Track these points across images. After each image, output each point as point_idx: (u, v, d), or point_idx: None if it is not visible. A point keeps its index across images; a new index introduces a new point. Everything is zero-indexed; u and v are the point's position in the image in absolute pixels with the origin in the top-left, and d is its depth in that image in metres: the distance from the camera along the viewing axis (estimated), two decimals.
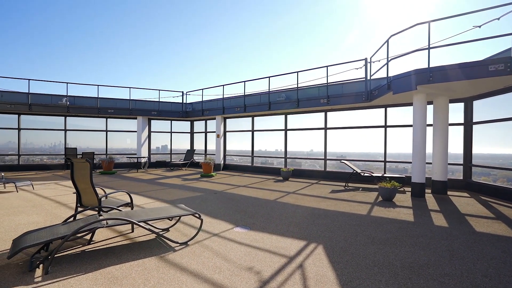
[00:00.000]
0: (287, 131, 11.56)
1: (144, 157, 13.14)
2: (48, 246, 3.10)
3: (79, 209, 3.99)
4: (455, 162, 7.93)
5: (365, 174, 8.07)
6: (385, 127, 9.03)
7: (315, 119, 10.69)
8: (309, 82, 10.22)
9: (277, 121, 11.90)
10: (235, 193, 6.95)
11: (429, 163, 7.23)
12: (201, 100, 14.00)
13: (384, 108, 9.04)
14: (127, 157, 13.81)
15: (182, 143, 15.65)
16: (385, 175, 7.72)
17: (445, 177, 6.99)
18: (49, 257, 2.74)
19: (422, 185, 6.49)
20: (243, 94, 11.97)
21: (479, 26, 5.56)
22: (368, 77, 8.28)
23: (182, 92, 14.52)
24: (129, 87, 13.18)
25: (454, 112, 7.79)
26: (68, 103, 12.15)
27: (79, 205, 4.09)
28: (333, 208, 5.42)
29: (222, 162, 13.33)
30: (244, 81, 11.80)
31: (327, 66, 9.17)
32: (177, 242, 3.39)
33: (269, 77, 10.91)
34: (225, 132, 13.63)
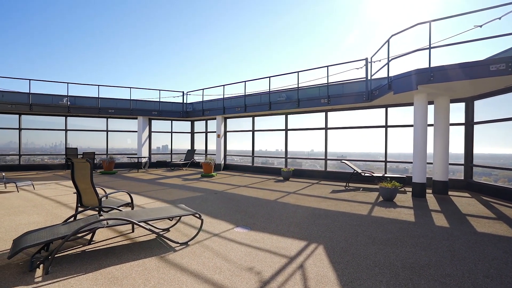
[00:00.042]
0: (288, 131, 11.55)
1: (144, 157, 13.15)
2: (49, 246, 3.10)
3: (80, 209, 3.98)
4: (456, 162, 7.92)
5: (366, 174, 8.06)
6: (386, 127, 9.01)
7: (316, 119, 10.68)
8: (310, 82, 10.22)
9: (278, 121, 11.89)
10: (236, 193, 6.95)
11: (430, 163, 7.22)
12: (201, 100, 14.01)
13: (384, 108, 9.03)
14: (127, 157, 13.82)
15: (182, 143, 15.67)
16: (386, 175, 7.71)
17: (446, 177, 6.98)
18: (50, 257, 2.74)
19: (423, 185, 6.48)
20: (243, 94, 11.97)
21: (480, 26, 5.55)
22: (369, 77, 8.27)
23: (183, 92, 14.53)
24: (129, 87, 13.20)
25: (455, 112, 7.77)
26: (69, 103, 12.17)
27: (79, 205, 4.09)
28: (334, 208, 5.41)
29: (222, 162, 13.33)
30: (245, 81, 11.80)
31: (327, 66, 9.16)
32: (178, 242, 3.39)
33: (269, 77, 10.90)
34: (225, 132, 13.62)
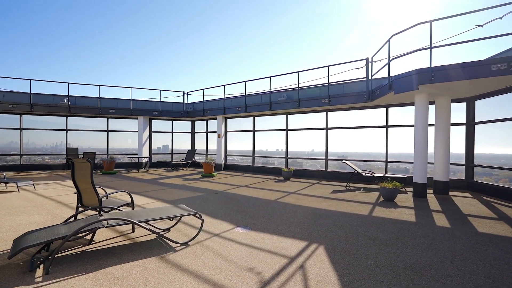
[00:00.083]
0: (288, 131, 11.54)
1: (145, 157, 13.15)
2: (49, 246, 3.10)
3: (80, 209, 3.98)
4: (457, 162, 7.90)
5: (367, 174, 8.04)
6: (387, 127, 8.99)
7: (316, 119, 10.67)
8: (310, 82, 10.21)
9: (278, 121, 11.88)
10: (236, 193, 6.94)
11: (430, 163, 7.20)
12: (202, 100, 14.01)
13: (385, 108, 9.01)
14: (128, 157, 13.84)
15: (183, 143, 15.67)
16: (387, 175, 7.69)
17: (447, 177, 6.96)
18: (50, 257, 2.74)
19: (423, 185, 6.46)
20: (244, 94, 11.97)
21: (481, 26, 5.53)
22: (370, 77, 8.26)
23: (183, 92, 14.54)
24: (130, 87, 13.21)
25: (456, 112, 7.75)
26: (70, 103, 12.18)
27: (80, 205, 4.09)
28: (334, 208, 5.40)
29: (223, 162, 13.33)
30: (245, 81, 11.80)
31: (328, 66, 9.15)
32: (178, 243, 3.38)
33: (270, 77, 10.89)
34: (226, 132, 13.62)
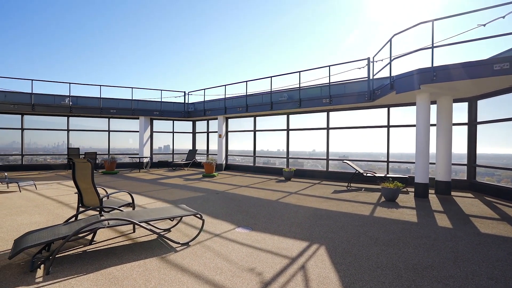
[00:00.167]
0: (289, 131, 11.52)
1: (146, 157, 13.17)
2: (50, 246, 3.10)
3: (81, 209, 3.98)
4: (458, 162, 7.86)
5: (368, 174, 8.01)
6: (388, 127, 8.96)
7: (317, 119, 10.65)
8: (311, 82, 10.19)
9: (279, 121, 11.86)
10: (237, 193, 6.93)
11: (432, 163, 7.17)
12: (203, 100, 14.01)
13: (387, 108, 8.98)
14: (129, 157, 13.86)
15: (184, 143, 15.68)
16: (388, 175, 7.66)
17: (448, 178, 6.93)
18: (50, 257, 2.74)
19: (425, 185, 6.43)
20: (245, 94, 11.96)
21: (484, 25, 5.50)
22: (371, 77, 8.23)
23: (184, 92, 14.55)
24: (131, 87, 13.25)
25: (458, 112, 7.71)
26: (71, 103, 12.21)
27: (80, 205, 4.09)
28: (336, 208, 5.38)
29: (224, 162, 13.32)
30: (246, 81, 11.79)
31: (329, 66, 9.13)
32: (179, 243, 3.37)
33: (271, 77, 10.88)
34: (227, 132, 13.62)
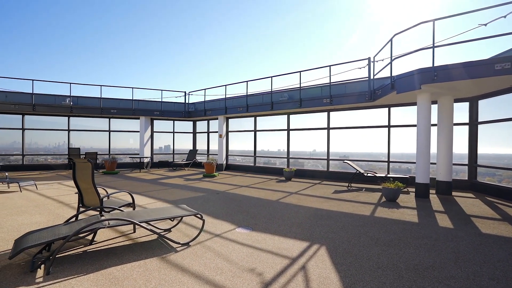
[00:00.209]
0: (290, 131, 11.51)
1: (146, 157, 13.17)
2: (50, 246, 3.10)
3: (81, 209, 3.98)
4: (459, 162, 7.84)
5: (368, 175, 8.00)
6: (389, 127, 8.95)
7: (318, 119, 10.64)
8: (312, 82, 10.19)
9: (280, 121, 11.85)
10: (238, 194, 6.93)
11: (433, 163, 7.15)
12: (203, 100, 14.02)
13: (387, 108, 8.96)
14: (130, 157, 13.86)
15: (184, 143, 15.68)
16: (389, 175, 7.65)
17: (449, 178, 6.91)
18: (51, 258, 2.74)
19: (426, 185, 6.42)
20: (245, 94, 11.96)
21: (485, 24, 5.48)
22: (372, 77, 8.21)
23: (185, 92, 14.55)
24: (131, 87, 13.26)
25: (459, 112, 7.69)
26: (72, 103, 12.22)
27: (81, 205, 4.09)
28: (336, 208, 5.38)
29: (224, 162, 13.32)
30: (247, 81, 11.79)
31: (329, 66, 9.11)
32: (179, 243, 3.37)
33: (271, 77, 10.87)
34: (227, 132, 13.61)
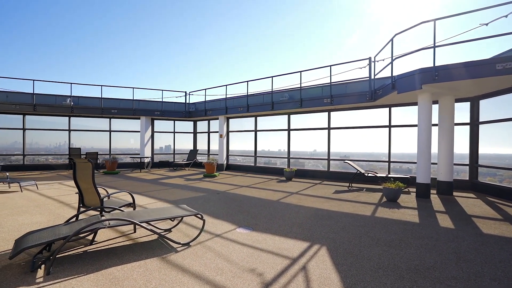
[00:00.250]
0: (290, 131, 11.50)
1: (147, 157, 13.18)
2: (50, 246, 3.10)
3: (82, 209, 3.98)
4: (460, 162, 7.81)
5: (369, 175, 7.99)
6: (390, 127, 8.93)
7: (319, 119, 10.62)
8: (312, 82, 10.18)
9: (280, 121, 11.84)
10: (238, 194, 6.92)
11: (434, 163, 7.13)
12: (204, 100, 14.01)
13: (388, 108, 8.95)
14: (130, 157, 13.87)
15: (185, 143, 15.68)
16: (390, 175, 7.63)
17: (450, 178, 6.89)
18: (51, 258, 2.74)
19: (427, 185, 6.40)
20: (246, 94, 11.95)
21: (486, 24, 5.46)
22: (372, 77, 8.20)
23: (185, 92, 14.55)
24: (132, 88, 13.26)
25: (460, 112, 7.67)
26: (72, 103, 12.23)
27: (81, 205, 4.09)
28: (337, 208, 5.36)
29: (225, 162, 13.31)
30: (247, 81, 11.77)
31: (330, 66, 9.10)
32: (179, 243, 3.36)
33: (272, 76, 10.86)
34: (228, 132, 13.61)
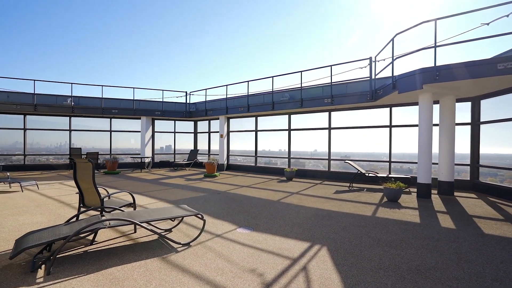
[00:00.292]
0: (291, 131, 11.49)
1: (147, 157, 13.18)
2: (51, 246, 3.10)
3: (82, 209, 3.98)
4: (461, 162, 7.80)
5: (370, 175, 7.97)
6: (390, 127, 8.91)
7: (319, 119, 10.61)
8: (313, 82, 10.17)
9: (281, 121, 11.83)
10: (238, 194, 6.92)
11: (435, 163, 7.11)
12: (204, 100, 14.02)
13: (389, 108, 8.93)
14: (131, 157, 13.88)
15: (185, 143, 15.69)
16: (390, 175, 7.62)
17: (451, 178, 6.87)
18: (51, 258, 2.73)
19: (428, 185, 6.39)
20: (246, 94, 11.94)
21: (487, 24, 5.44)
22: (373, 77, 8.18)
23: (186, 92, 14.55)
24: (132, 88, 13.29)
25: (461, 112, 7.66)
26: (73, 103, 12.25)
27: (81, 205, 4.09)
28: (337, 209, 5.36)
29: (225, 162, 13.31)
30: (248, 81, 11.76)
31: (331, 66, 9.09)
32: (180, 243, 3.36)
33: (272, 76, 10.86)
34: (228, 132, 13.61)
